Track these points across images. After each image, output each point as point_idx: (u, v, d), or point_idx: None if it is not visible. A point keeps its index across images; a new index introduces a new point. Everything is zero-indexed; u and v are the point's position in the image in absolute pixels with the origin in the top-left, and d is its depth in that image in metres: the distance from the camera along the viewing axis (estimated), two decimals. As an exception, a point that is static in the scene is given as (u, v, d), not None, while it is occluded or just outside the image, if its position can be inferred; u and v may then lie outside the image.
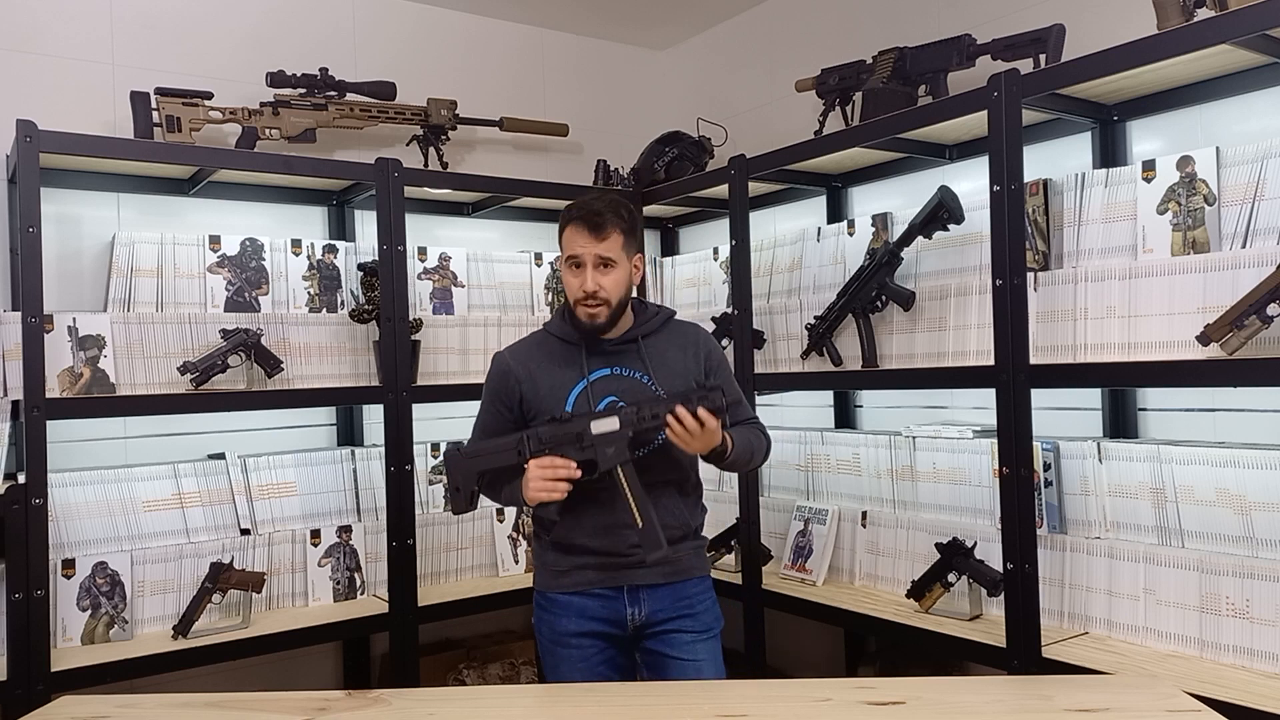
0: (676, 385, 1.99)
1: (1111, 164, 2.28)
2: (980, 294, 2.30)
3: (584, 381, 1.99)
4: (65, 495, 2.45)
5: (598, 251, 1.95)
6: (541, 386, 2.01)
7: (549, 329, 2.10)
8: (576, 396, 1.99)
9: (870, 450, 2.69)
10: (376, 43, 3.18)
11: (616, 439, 1.88)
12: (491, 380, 2.08)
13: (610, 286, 1.97)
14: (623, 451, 1.88)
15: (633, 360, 2.03)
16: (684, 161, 3.16)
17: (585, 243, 1.96)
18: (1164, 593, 2.04)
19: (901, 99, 2.52)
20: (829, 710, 1.64)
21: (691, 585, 2.04)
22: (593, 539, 1.98)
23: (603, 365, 2.02)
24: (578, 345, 2.03)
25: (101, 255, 2.69)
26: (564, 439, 1.90)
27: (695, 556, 2.07)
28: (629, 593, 1.99)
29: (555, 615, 2.02)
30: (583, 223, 1.96)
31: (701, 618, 2.03)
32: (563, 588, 2.02)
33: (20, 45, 2.63)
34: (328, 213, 3.08)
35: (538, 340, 2.10)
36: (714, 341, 2.15)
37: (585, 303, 1.97)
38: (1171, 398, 2.29)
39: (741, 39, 3.51)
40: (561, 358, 2.03)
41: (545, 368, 2.03)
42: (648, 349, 2.04)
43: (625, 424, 1.88)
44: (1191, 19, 1.90)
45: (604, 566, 1.99)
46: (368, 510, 2.87)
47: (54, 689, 2.19)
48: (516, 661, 3.15)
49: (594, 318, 1.98)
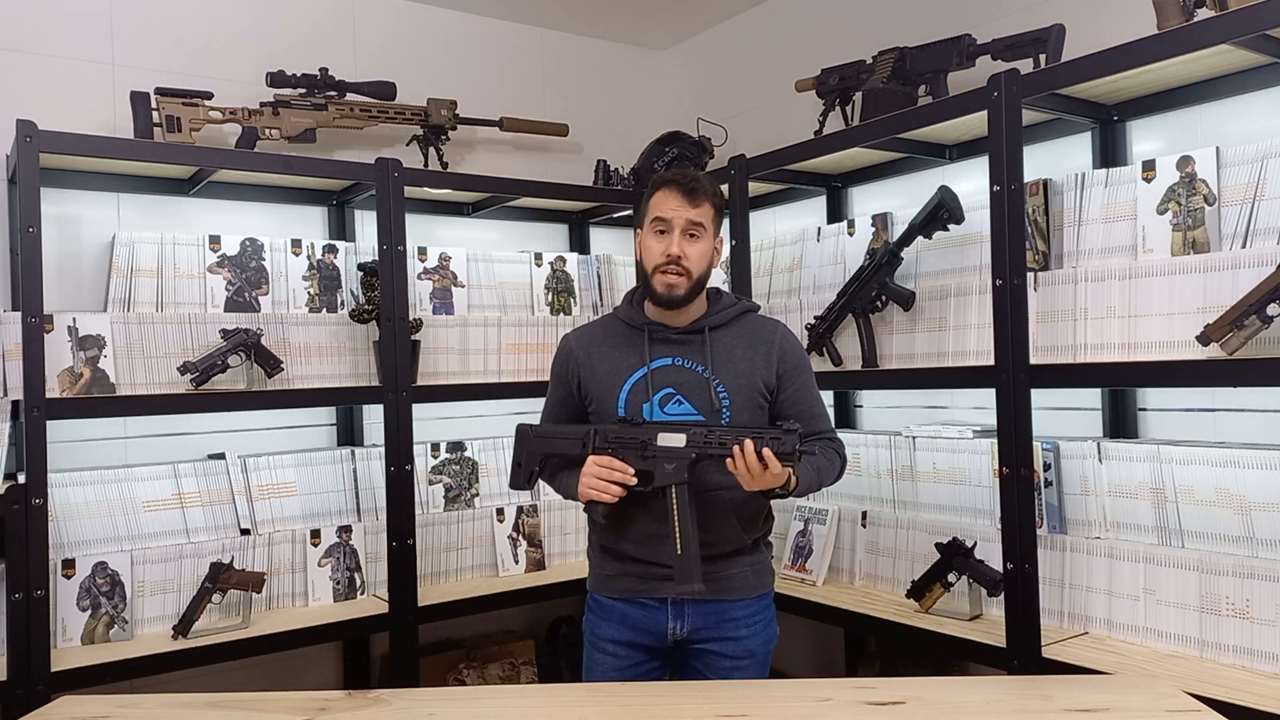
0: (739, 384, 1.89)
1: (1111, 164, 2.28)
2: (980, 294, 2.30)
3: (644, 369, 1.91)
4: (65, 495, 2.45)
5: (690, 216, 1.87)
6: (599, 370, 1.95)
7: (617, 314, 2.01)
8: (634, 384, 1.91)
9: (870, 450, 2.69)
10: (376, 43, 3.18)
11: (679, 457, 1.80)
12: (556, 363, 2.04)
13: (695, 257, 1.87)
14: (681, 471, 1.80)
15: (696, 352, 1.92)
16: (684, 161, 3.16)
17: (677, 205, 1.87)
18: (1164, 593, 2.04)
19: (901, 99, 2.52)
20: (829, 710, 1.64)
21: (741, 606, 1.92)
22: (638, 547, 1.91)
23: (664, 354, 1.92)
24: (642, 331, 1.94)
25: (101, 255, 2.68)
26: (629, 443, 1.83)
27: (753, 574, 1.95)
28: (672, 605, 1.91)
29: (598, 618, 1.98)
30: (677, 185, 1.88)
31: (745, 642, 1.92)
32: (609, 592, 1.96)
33: (20, 45, 2.63)
34: (328, 213, 3.08)
35: (605, 324, 2.03)
36: (795, 342, 1.99)
37: (666, 269, 1.86)
38: (1171, 398, 2.29)
39: (741, 39, 3.51)
40: (624, 342, 1.95)
41: (605, 352, 1.96)
42: (714, 342, 1.92)
43: (692, 445, 1.79)
44: (1191, 19, 1.90)
45: (647, 576, 1.91)
46: (368, 510, 2.86)
47: (54, 689, 2.19)
48: (516, 661, 3.15)
49: (673, 288, 1.87)
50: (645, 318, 1.95)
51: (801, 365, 1.98)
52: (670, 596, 1.90)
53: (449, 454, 3.02)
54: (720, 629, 1.91)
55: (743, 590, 1.93)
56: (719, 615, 1.92)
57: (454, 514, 2.98)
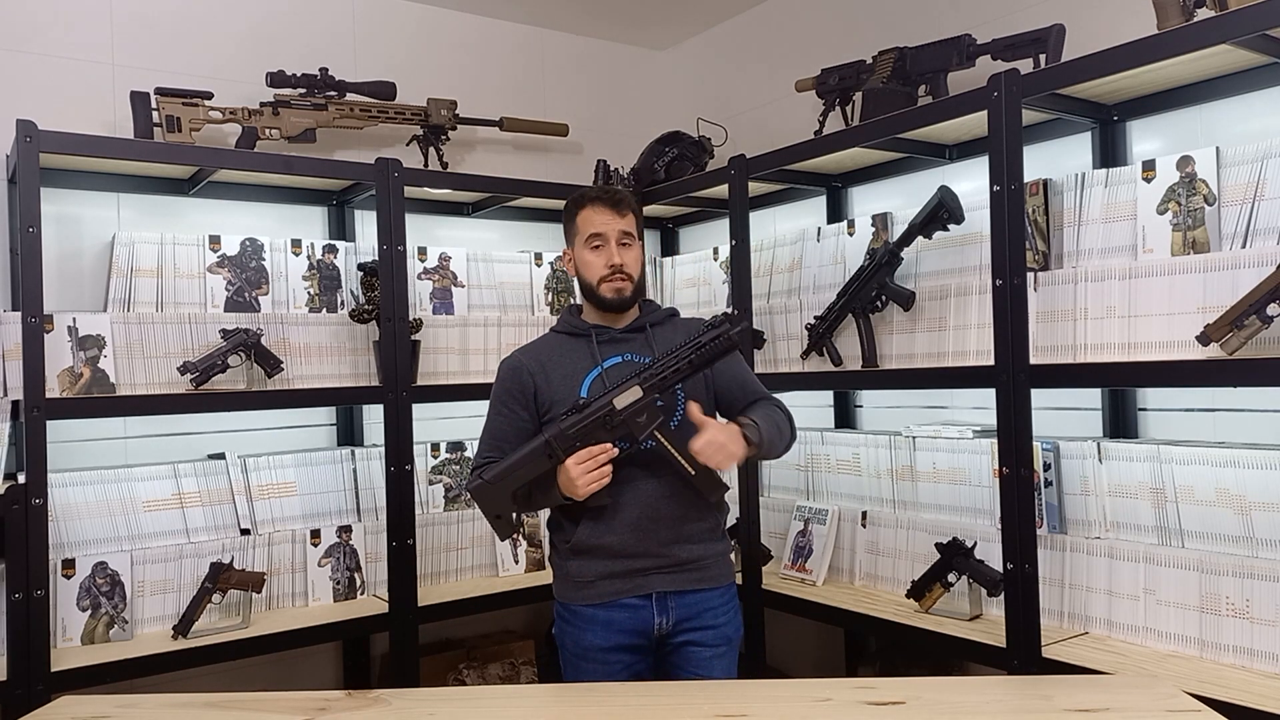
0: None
1: (1111, 164, 2.28)
2: (980, 294, 2.30)
3: (598, 368, 1.99)
4: (65, 495, 2.45)
5: (620, 226, 2.00)
6: (554, 376, 2.01)
7: (555, 330, 2.11)
8: (591, 383, 1.98)
9: (870, 450, 2.69)
10: (376, 43, 3.18)
11: (645, 406, 1.86)
12: (502, 382, 2.05)
13: (631, 262, 2.02)
14: (655, 414, 1.87)
15: (642, 347, 2.04)
16: (684, 161, 3.16)
17: (608, 219, 2.00)
18: (1164, 593, 2.04)
19: (901, 99, 2.52)
20: (829, 710, 1.64)
21: (716, 595, 2.02)
22: (625, 537, 1.94)
23: (613, 353, 2.02)
24: (587, 336, 2.04)
25: (101, 255, 2.68)
26: (592, 425, 1.87)
27: (721, 563, 2.05)
28: (657, 600, 1.96)
29: (580, 629, 1.98)
30: (603, 201, 2.02)
31: (722, 629, 2.01)
32: (588, 600, 1.97)
33: (20, 45, 2.63)
34: (328, 213, 3.08)
35: (546, 340, 2.11)
36: None
37: (612, 278, 1.99)
38: (1171, 398, 2.29)
39: (741, 39, 3.51)
40: (571, 350, 2.04)
41: (556, 361, 2.03)
42: (656, 336, 2.05)
43: (648, 389, 1.87)
44: (1191, 19, 1.90)
45: (633, 572, 1.96)
46: (368, 510, 2.86)
47: (54, 689, 2.19)
48: (516, 661, 3.15)
49: (620, 292, 2.00)
50: (588, 324, 2.05)
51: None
52: (655, 592, 1.96)
53: (449, 454, 3.03)
54: (701, 619, 1.99)
55: (717, 579, 2.03)
56: (700, 605, 1.99)
57: (454, 514, 2.98)
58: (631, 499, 1.95)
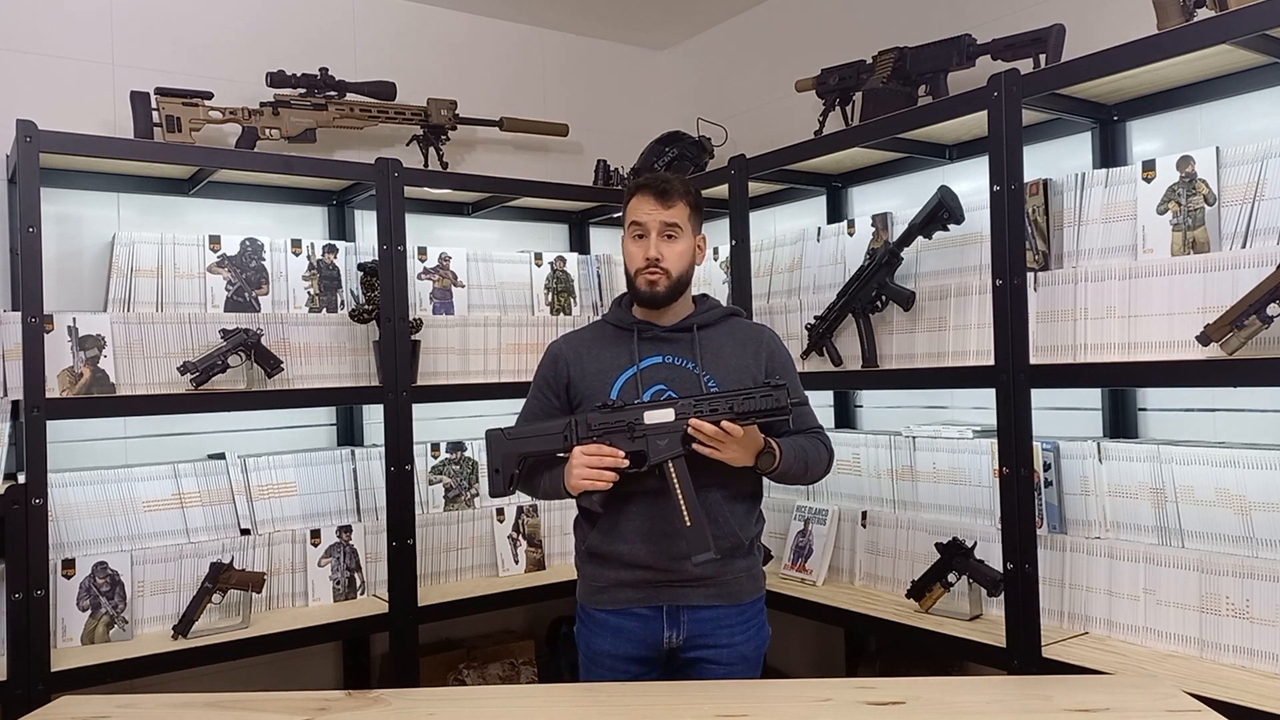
0: (730, 381, 1.91)
1: (1111, 164, 2.28)
2: (980, 294, 2.30)
3: (634, 368, 1.93)
4: (65, 495, 2.45)
5: (663, 218, 1.92)
6: (589, 370, 1.97)
7: (605, 318, 2.05)
8: (624, 383, 1.93)
9: (870, 450, 2.69)
10: (376, 43, 3.18)
11: (670, 431, 1.81)
12: (541, 367, 2.04)
13: (673, 257, 1.92)
14: (675, 445, 1.81)
15: (684, 349, 1.96)
16: (684, 161, 3.16)
17: (651, 209, 1.92)
18: (1164, 593, 2.04)
19: (901, 99, 2.52)
20: (829, 710, 1.64)
21: (734, 613, 1.93)
22: (636, 547, 1.89)
23: (654, 353, 1.95)
24: (630, 331, 1.98)
25: (101, 255, 2.68)
26: (615, 427, 1.84)
27: (747, 579, 1.95)
28: (669, 614, 1.91)
29: (593, 632, 1.96)
30: (649, 189, 1.93)
31: (739, 647, 1.93)
32: (600, 604, 1.95)
33: (20, 45, 2.63)
34: (328, 213, 3.08)
35: (594, 329, 2.06)
36: (781, 344, 2.05)
37: (646, 271, 1.92)
38: (1171, 398, 2.29)
39: (741, 39, 3.51)
40: (613, 343, 1.98)
41: (595, 353, 1.98)
42: (702, 339, 1.96)
43: (681, 417, 1.80)
44: (1191, 19, 1.90)
45: (644, 583, 1.90)
46: (368, 510, 2.86)
47: (54, 689, 2.19)
48: (516, 661, 3.15)
49: (654, 285, 1.92)
50: (634, 318, 1.99)
51: (788, 367, 2.03)
52: (666, 605, 1.90)
53: (449, 454, 3.03)
54: (715, 636, 1.92)
55: (738, 596, 1.94)
56: (715, 622, 1.92)
57: (454, 514, 2.98)
58: (644, 509, 1.89)
